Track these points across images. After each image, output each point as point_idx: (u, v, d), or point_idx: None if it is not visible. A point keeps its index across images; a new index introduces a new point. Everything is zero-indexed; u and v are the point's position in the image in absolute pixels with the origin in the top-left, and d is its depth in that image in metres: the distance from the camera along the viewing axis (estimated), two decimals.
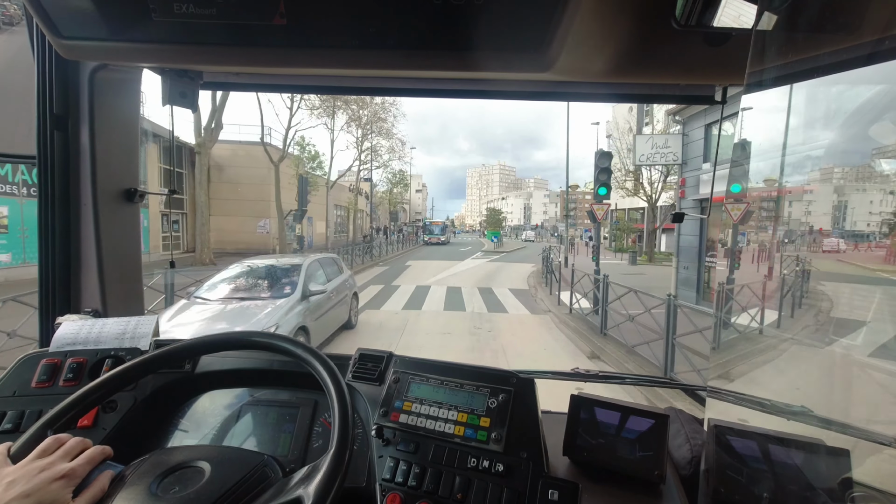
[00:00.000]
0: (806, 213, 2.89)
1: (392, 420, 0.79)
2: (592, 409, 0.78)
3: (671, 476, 0.74)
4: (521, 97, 1.13)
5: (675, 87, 1.07)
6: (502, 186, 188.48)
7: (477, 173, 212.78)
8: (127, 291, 1.24)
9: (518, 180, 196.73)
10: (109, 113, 1.13)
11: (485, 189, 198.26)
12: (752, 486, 0.67)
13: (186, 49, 0.82)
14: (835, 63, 0.78)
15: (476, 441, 0.74)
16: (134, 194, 1.20)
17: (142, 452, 0.60)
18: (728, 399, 0.89)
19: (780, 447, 0.70)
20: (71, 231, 1.13)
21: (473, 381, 0.81)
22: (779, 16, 0.68)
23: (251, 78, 1.11)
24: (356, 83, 1.12)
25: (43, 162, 1.07)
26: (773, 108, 0.89)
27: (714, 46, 0.82)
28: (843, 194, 2.83)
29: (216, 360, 0.94)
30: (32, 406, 0.84)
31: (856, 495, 0.63)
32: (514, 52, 0.78)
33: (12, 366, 0.92)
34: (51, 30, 0.79)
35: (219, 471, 0.56)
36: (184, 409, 0.93)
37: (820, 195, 2.67)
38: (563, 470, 0.75)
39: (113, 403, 0.85)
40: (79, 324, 1.00)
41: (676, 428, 0.85)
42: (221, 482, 0.54)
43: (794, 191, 2.14)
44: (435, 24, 0.74)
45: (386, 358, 0.90)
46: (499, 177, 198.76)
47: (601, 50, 0.83)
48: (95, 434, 0.81)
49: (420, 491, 0.70)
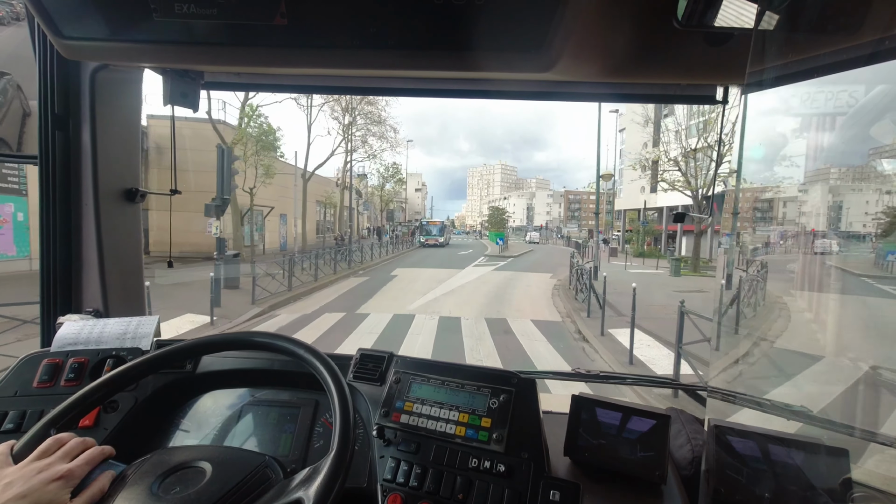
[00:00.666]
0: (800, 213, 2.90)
1: (393, 420, 0.79)
2: (593, 409, 0.78)
3: (672, 476, 0.74)
4: (522, 97, 1.13)
5: (677, 87, 1.07)
6: (504, 186, 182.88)
7: (478, 173, 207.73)
8: (128, 291, 1.24)
9: (520, 180, 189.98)
10: (110, 113, 1.13)
11: (486, 189, 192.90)
12: (753, 486, 0.67)
13: (187, 49, 0.82)
14: (835, 63, 0.78)
15: (477, 441, 0.74)
16: (135, 194, 1.20)
17: (143, 452, 0.60)
18: (728, 399, 0.89)
19: (780, 447, 0.70)
20: (72, 231, 1.13)
21: (474, 382, 0.81)
22: (779, 16, 0.68)
23: (252, 78, 1.11)
24: (357, 83, 1.12)
25: (44, 162, 1.08)
26: (772, 109, 0.89)
27: (715, 46, 0.82)
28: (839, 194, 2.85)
29: (217, 361, 0.94)
30: (34, 406, 0.84)
31: (856, 495, 0.63)
32: (515, 52, 0.78)
33: (14, 366, 0.92)
34: (52, 30, 0.79)
35: (220, 471, 0.56)
36: (185, 410, 0.93)
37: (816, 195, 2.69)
38: (564, 470, 0.75)
39: (114, 403, 0.85)
40: (80, 324, 1.00)
41: (677, 428, 0.85)
42: (222, 483, 0.54)
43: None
44: (435, 25, 0.74)
45: (387, 358, 0.90)
46: (500, 177, 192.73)
47: (602, 50, 0.83)
48: (97, 434, 0.81)
49: (421, 491, 0.70)
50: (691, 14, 0.74)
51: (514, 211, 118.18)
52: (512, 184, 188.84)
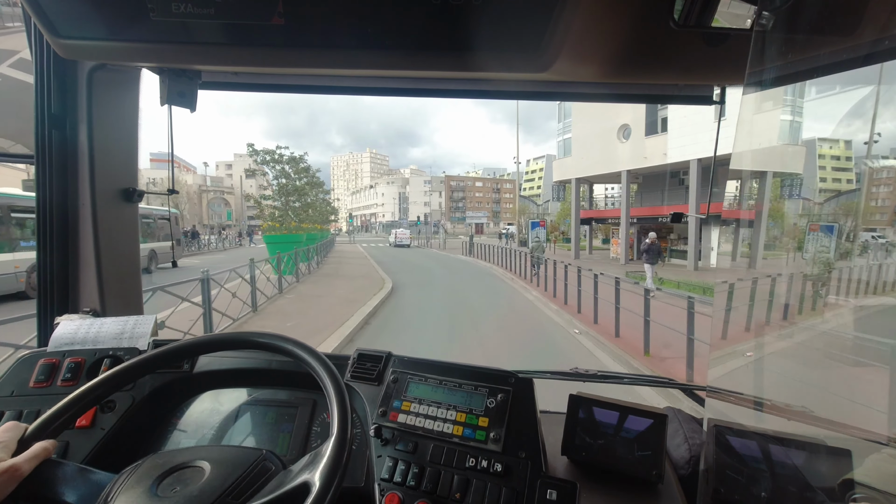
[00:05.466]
0: None
1: (391, 420, 0.79)
2: (591, 408, 0.78)
3: (669, 476, 0.74)
4: (520, 97, 1.14)
5: (674, 88, 1.07)
6: (374, 177, 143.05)
7: (343, 162, 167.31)
8: (125, 291, 1.24)
9: (392, 170, 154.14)
10: (108, 112, 1.13)
11: (353, 181, 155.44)
12: (752, 486, 0.67)
13: (185, 49, 0.82)
14: (835, 63, 0.78)
15: (475, 441, 0.74)
16: (132, 194, 1.20)
17: (140, 452, 0.60)
18: (728, 399, 0.89)
19: (779, 447, 0.70)
20: (69, 231, 1.13)
21: (472, 381, 0.81)
22: (778, 16, 0.68)
23: (250, 77, 1.11)
24: (354, 83, 1.12)
25: (41, 161, 1.07)
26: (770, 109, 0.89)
27: (713, 46, 0.82)
28: None
29: (214, 360, 0.94)
30: (30, 406, 0.84)
31: (857, 496, 0.63)
32: (513, 52, 0.78)
33: (10, 366, 0.92)
34: (49, 29, 0.79)
35: (219, 468, 0.56)
36: (182, 409, 0.93)
37: None
38: (562, 469, 0.75)
39: (111, 403, 0.85)
40: (77, 323, 1.00)
41: (675, 427, 0.85)
42: (223, 478, 0.54)
43: None
44: (433, 25, 0.74)
45: (384, 358, 0.90)
46: (369, 166, 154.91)
47: (599, 50, 0.83)
48: (94, 434, 0.81)
49: (419, 491, 0.70)
50: (688, 14, 0.74)
51: (383, 203, 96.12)
52: (383, 174, 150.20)
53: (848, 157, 6.89)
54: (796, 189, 10.13)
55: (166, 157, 1.20)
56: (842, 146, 6.42)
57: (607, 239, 30.06)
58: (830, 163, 7.32)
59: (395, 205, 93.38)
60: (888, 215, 3.53)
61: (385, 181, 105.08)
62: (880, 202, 3.23)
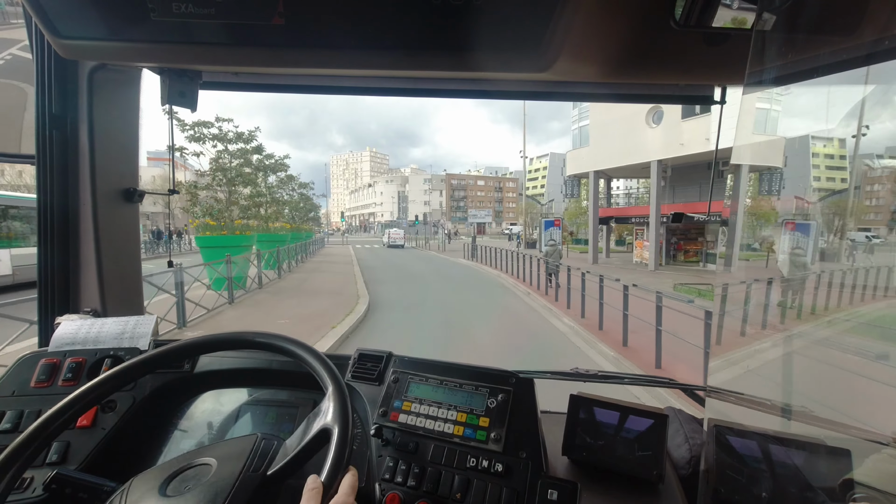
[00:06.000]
0: None
1: (391, 420, 0.79)
2: (591, 408, 0.77)
3: (670, 476, 0.74)
4: (520, 97, 1.13)
5: (675, 87, 1.07)
6: (373, 175, 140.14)
7: (343, 161, 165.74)
8: (126, 291, 1.24)
9: (391, 170, 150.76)
10: (108, 112, 1.13)
11: (353, 180, 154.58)
12: (752, 486, 0.67)
13: (185, 49, 0.82)
14: (835, 63, 0.78)
15: (475, 441, 0.74)
16: (133, 194, 1.20)
17: (140, 452, 0.60)
18: (728, 399, 0.89)
19: (780, 447, 0.70)
20: (70, 231, 1.13)
21: (473, 381, 0.81)
22: (778, 16, 0.68)
23: (250, 77, 1.11)
24: (355, 83, 1.12)
25: (42, 161, 1.07)
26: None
27: (713, 46, 0.82)
28: None
29: (215, 360, 0.94)
30: (31, 406, 0.84)
31: (857, 496, 0.63)
32: (513, 52, 0.78)
33: (11, 366, 0.92)
34: (49, 29, 0.79)
35: (224, 459, 0.57)
36: (183, 409, 0.93)
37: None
38: (562, 470, 0.75)
39: (112, 403, 0.85)
40: (78, 323, 1.00)
41: (675, 427, 0.85)
42: (233, 466, 0.55)
43: None
44: (433, 25, 0.74)
45: (385, 358, 0.90)
46: (369, 164, 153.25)
47: (600, 50, 0.83)
48: (94, 434, 0.81)
49: (419, 491, 0.70)
50: (689, 14, 0.74)
51: (381, 202, 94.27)
52: (383, 173, 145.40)
53: (842, 156, 6.91)
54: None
55: (162, 156, 1.20)
56: (836, 144, 6.43)
57: (622, 240, 28.49)
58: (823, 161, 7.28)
59: (393, 204, 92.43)
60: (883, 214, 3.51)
61: (384, 179, 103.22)
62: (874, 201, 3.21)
